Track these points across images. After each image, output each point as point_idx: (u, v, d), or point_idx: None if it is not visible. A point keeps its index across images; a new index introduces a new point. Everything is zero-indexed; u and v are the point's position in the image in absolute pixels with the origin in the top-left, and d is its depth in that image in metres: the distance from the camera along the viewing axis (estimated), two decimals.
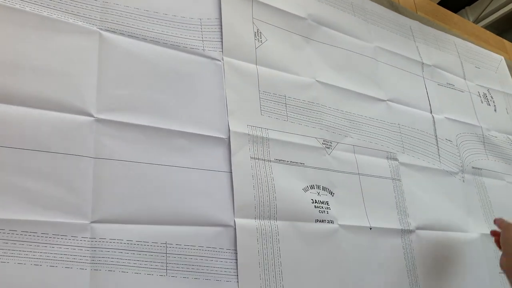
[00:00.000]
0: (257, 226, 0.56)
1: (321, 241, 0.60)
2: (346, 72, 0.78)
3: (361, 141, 0.73)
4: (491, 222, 0.84)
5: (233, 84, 0.63)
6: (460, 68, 1.02)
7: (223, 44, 0.64)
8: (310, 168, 0.65)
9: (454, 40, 1.05)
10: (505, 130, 1.01)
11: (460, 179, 0.84)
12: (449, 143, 0.87)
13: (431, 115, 0.87)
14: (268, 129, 0.63)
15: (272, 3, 0.73)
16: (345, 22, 0.83)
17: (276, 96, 0.66)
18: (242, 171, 0.58)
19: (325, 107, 0.71)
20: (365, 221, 0.66)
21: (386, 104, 0.80)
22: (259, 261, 0.54)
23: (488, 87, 1.05)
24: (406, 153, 0.78)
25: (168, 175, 0.53)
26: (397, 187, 0.73)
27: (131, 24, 0.57)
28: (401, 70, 0.88)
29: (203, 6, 0.65)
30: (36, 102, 0.48)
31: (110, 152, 0.50)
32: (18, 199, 0.44)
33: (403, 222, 0.71)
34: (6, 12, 0.49)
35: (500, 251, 0.65)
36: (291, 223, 0.59)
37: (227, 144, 0.59)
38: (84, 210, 0.47)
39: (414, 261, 0.69)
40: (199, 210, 0.53)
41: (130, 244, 0.48)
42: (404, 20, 0.96)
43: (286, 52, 0.71)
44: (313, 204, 0.62)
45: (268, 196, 0.58)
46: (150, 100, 0.55)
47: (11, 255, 0.42)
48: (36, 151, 0.46)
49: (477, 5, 2.20)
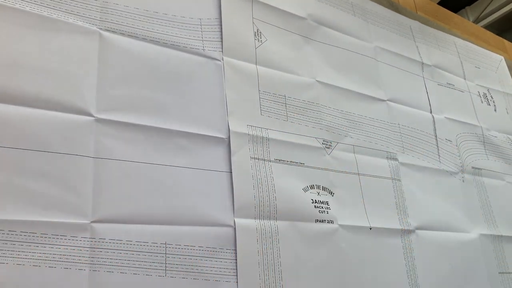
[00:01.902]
0: (257, 226, 0.56)
1: (321, 241, 0.60)
2: (346, 72, 0.78)
3: (361, 141, 0.73)
4: (491, 222, 0.84)
5: (233, 84, 0.63)
6: (460, 68, 1.02)
7: (223, 44, 0.64)
8: (310, 168, 0.65)
9: (454, 40, 1.05)
10: (505, 130, 1.01)
11: (460, 179, 0.84)
12: (449, 143, 0.87)
13: (431, 115, 0.87)
14: (268, 129, 0.63)
15: (272, 3, 0.73)
16: (345, 22, 0.83)
17: (276, 96, 0.66)
18: (242, 171, 0.58)
19: (325, 107, 0.71)
20: (365, 221, 0.66)
21: (386, 104, 0.80)
22: (258, 261, 0.54)
23: (488, 87, 1.05)
24: (406, 153, 0.78)
25: (168, 175, 0.53)
26: (397, 187, 0.73)
27: (131, 24, 0.57)
28: (401, 70, 0.88)
29: (203, 6, 0.65)
30: (36, 102, 0.48)
31: (110, 152, 0.50)
32: (18, 199, 0.44)
33: (403, 222, 0.71)
34: (6, 12, 0.49)
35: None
36: (291, 223, 0.59)
37: (227, 144, 0.58)
38: (84, 210, 0.47)
39: (413, 261, 0.69)
40: (198, 210, 0.53)
41: (130, 244, 0.48)
42: (404, 20, 0.96)
43: (286, 52, 0.71)
44: (313, 204, 0.62)
45: (268, 196, 0.58)
46: (150, 100, 0.55)
47: (10, 256, 0.42)
48: (36, 151, 0.46)
49: (477, 5, 2.20)
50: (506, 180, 0.93)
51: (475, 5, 2.21)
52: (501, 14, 2.09)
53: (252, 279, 0.53)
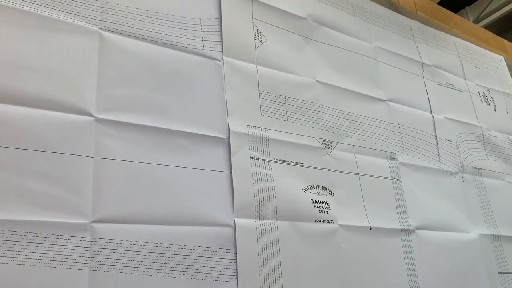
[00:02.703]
0: (257, 226, 0.56)
1: (321, 241, 0.60)
2: (346, 72, 0.78)
3: (361, 141, 0.73)
4: (491, 222, 0.84)
5: (233, 84, 0.63)
6: (460, 68, 1.02)
7: (223, 44, 0.64)
8: (310, 168, 0.65)
9: (454, 40, 1.05)
10: (505, 130, 1.01)
11: (460, 179, 0.84)
12: (449, 143, 0.87)
13: (431, 115, 0.87)
14: (268, 129, 0.63)
15: (272, 3, 0.73)
16: (345, 22, 0.83)
17: (276, 96, 0.66)
18: (242, 171, 0.58)
19: (325, 107, 0.71)
20: (365, 221, 0.66)
21: (386, 104, 0.81)
22: (258, 261, 0.54)
23: (488, 87, 1.05)
24: (406, 153, 0.78)
25: (168, 175, 0.53)
26: (397, 187, 0.73)
27: (131, 24, 0.57)
28: (401, 70, 0.88)
29: (203, 6, 0.65)
30: (36, 102, 0.48)
31: (110, 152, 0.50)
32: (18, 199, 0.44)
33: (403, 222, 0.71)
34: (6, 12, 0.49)
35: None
36: (291, 223, 0.59)
37: (227, 144, 0.58)
38: (84, 210, 0.47)
39: (413, 261, 0.69)
40: (199, 210, 0.53)
41: (130, 244, 0.48)
42: (404, 20, 0.96)
43: (286, 52, 0.71)
44: (313, 204, 0.62)
45: (268, 196, 0.58)
46: (150, 100, 0.55)
47: (10, 256, 0.42)
48: (36, 151, 0.46)
49: (477, 5, 2.20)
50: (506, 180, 0.93)
51: (475, 5, 2.21)
52: (501, 14, 2.09)
53: (252, 279, 0.53)
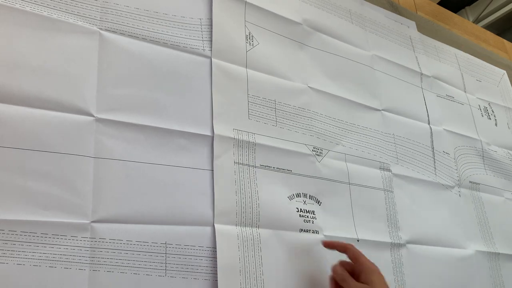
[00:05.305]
0: (238, 233, 0.54)
1: (305, 251, 0.59)
2: (341, 79, 0.76)
3: (354, 150, 0.71)
4: (488, 238, 0.81)
5: (220, 86, 0.61)
6: (461, 80, 1.00)
7: (212, 45, 0.63)
8: (298, 175, 0.63)
9: (455, 52, 1.04)
10: (505, 145, 0.98)
11: (456, 193, 0.82)
12: (447, 156, 0.85)
13: (429, 126, 0.85)
14: (255, 133, 0.61)
15: (266, 7, 0.72)
16: (342, 29, 0.82)
17: (265, 100, 0.65)
18: (224, 175, 0.56)
19: (316, 114, 0.70)
20: (352, 232, 0.64)
21: (380, 114, 0.79)
22: (240, 269, 0.53)
23: (489, 101, 1.03)
24: (400, 164, 0.76)
25: (168, 175, 0.53)
26: (389, 198, 0.71)
27: (131, 24, 0.57)
28: (398, 80, 0.86)
29: (203, 6, 0.65)
30: (36, 102, 0.48)
31: (110, 152, 0.50)
32: (18, 199, 0.44)
33: (393, 235, 0.68)
34: (6, 12, 0.49)
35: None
36: (274, 232, 0.57)
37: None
38: (84, 210, 0.47)
39: (403, 276, 0.66)
40: (199, 210, 0.53)
41: (130, 244, 0.48)
42: (404, 30, 0.95)
43: (278, 57, 0.70)
44: (298, 213, 0.60)
45: (251, 202, 0.57)
46: (150, 100, 0.55)
47: (10, 256, 0.42)
48: (36, 151, 0.46)
49: (477, 5, 2.19)
50: (505, 196, 0.90)
51: (475, 5, 2.20)
52: (501, 14, 2.08)
53: (233, 286, 0.51)
